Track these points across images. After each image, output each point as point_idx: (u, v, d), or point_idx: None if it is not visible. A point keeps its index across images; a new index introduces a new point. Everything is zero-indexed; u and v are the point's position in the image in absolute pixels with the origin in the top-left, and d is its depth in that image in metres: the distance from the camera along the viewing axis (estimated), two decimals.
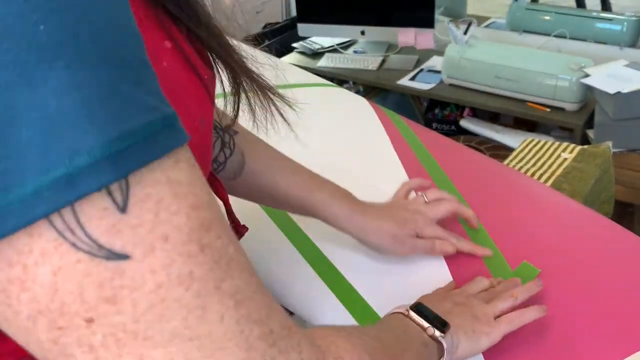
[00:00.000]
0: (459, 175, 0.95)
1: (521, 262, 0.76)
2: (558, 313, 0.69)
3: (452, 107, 2.25)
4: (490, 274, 0.75)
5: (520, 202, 0.92)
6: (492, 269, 0.76)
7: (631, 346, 0.65)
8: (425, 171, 0.97)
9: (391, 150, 1.03)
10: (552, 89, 1.85)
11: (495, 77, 1.95)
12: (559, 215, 0.89)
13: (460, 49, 2.02)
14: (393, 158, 1.01)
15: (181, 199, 0.26)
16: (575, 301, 0.71)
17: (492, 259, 0.78)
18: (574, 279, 0.75)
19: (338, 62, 2.36)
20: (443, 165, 0.97)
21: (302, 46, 2.50)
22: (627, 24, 2.04)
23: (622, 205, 1.66)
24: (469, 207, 0.83)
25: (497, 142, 1.97)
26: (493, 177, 0.99)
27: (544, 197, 0.92)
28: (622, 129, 1.69)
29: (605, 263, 0.78)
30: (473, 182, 0.94)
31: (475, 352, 0.61)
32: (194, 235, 0.27)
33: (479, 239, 0.81)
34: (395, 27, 2.28)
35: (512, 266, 0.76)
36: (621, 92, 1.64)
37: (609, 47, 2.07)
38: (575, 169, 0.94)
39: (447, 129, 2.25)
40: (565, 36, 2.13)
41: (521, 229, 0.85)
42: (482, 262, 0.77)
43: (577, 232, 0.86)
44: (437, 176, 0.95)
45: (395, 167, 0.99)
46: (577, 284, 0.74)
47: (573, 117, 1.85)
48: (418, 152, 1.02)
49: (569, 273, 0.76)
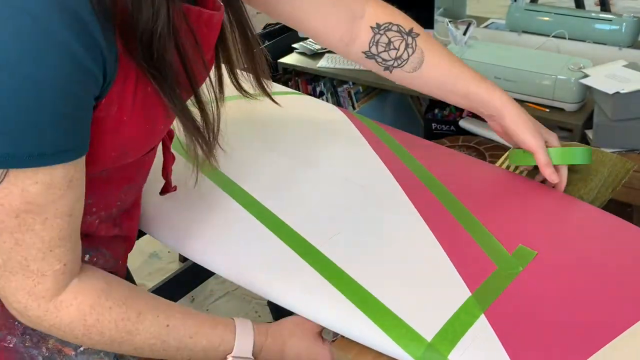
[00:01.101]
0: (444, 173, 0.97)
1: (517, 246, 0.80)
2: (555, 291, 0.74)
3: (451, 107, 2.25)
4: (490, 259, 0.78)
5: (509, 194, 0.95)
6: (490, 254, 0.79)
7: (630, 318, 0.69)
8: (408, 169, 0.98)
9: (371, 152, 1.04)
10: (551, 90, 1.85)
11: (495, 77, 1.95)
12: (548, 204, 0.92)
13: (460, 50, 2.03)
14: (374, 158, 1.02)
15: (21, 199, 0.55)
16: (570, 279, 0.76)
17: (490, 244, 0.81)
18: (568, 261, 0.79)
19: (338, 62, 2.36)
20: (426, 164, 0.99)
21: (302, 47, 2.51)
22: (626, 25, 2.05)
23: (620, 205, 1.67)
24: (461, 204, 0.89)
25: (496, 143, 1.97)
26: (479, 174, 1.01)
27: (530, 189, 0.95)
28: (621, 130, 1.69)
29: (595, 244, 0.84)
30: (459, 178, 0.97)
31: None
32: (12, 213, 0.55)
33: (473, 228, 0.83)
34: None
35: (509, 250, 0.79)
36: (620, 92, 1.64)
37: (608, 48, 2.07)
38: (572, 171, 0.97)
39: (446, 129, 2.25)
40: (565, 37, 2.14)
41: (513, 218, 0.89)
42: (479, 248, 0.80)
43: (567, 219, 0.90)
44: (421, 174, 0.96)
45: (378, 166, 1.00)
46: (571, 264, 0.79)
47: (572, 117, 1.85)
48: (399, 153, 1.03)
49: (563, 256, 0.80)
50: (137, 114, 0.61)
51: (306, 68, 2.41)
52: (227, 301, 2.05)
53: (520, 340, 0.67)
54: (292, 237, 0.84)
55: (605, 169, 1.00)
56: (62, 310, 0.61)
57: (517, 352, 0.66)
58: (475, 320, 0.70)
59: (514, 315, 0.70)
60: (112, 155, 0.63)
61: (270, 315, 1.92)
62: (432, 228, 0.85)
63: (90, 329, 0.62)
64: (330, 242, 0.83)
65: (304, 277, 0.79)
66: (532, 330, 0.68)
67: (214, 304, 2.05)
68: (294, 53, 2.50)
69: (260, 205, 0.91)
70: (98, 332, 0.62)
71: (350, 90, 2.40)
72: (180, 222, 0.91)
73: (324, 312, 0.76)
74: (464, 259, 0.78)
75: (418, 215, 0.88)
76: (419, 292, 0.75)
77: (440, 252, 0.80)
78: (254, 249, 0.84)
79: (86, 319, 0.61)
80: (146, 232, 0.94)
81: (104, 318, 0.62)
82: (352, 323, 0.73)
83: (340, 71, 2.33)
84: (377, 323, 0.71)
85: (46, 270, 0.59)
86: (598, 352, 0.65)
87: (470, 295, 0.73)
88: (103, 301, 0.62)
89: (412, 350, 0.69)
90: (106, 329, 0.62)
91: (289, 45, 2.52)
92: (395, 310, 0.72)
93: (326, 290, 0.76)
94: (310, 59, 2.44)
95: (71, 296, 0.61)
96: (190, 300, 2.06)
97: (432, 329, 0.70)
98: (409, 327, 0.70)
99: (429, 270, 0.78)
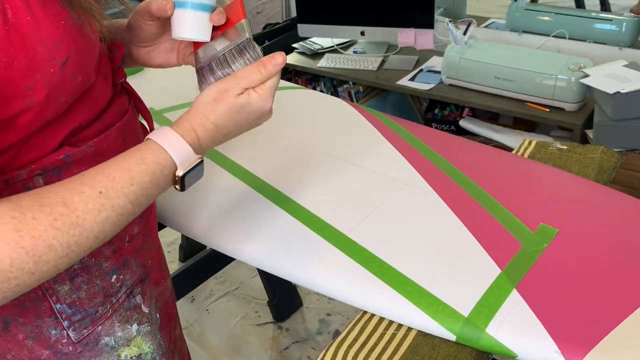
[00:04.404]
0: (458, 158, 1.01)
1: (539, 224, 0.84)
2: (579, 265, 0.78)
3: (451, 107, 2.25)
4: (515, 237, 0.83)
5: (524, 177, 0.98)
6: (514, 233, 0.83)
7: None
8: (423, 155, 1.01)
9: (385, 142, 1.07)
10: (551, 89, 1.85)
11: (495, 77, 1.95)
12: (563, 186, 0.96)
13: (460, 50, 2.03)
14: (389, 148, 1.05)
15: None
16: (592, 254, 0.81)
17: (512, 223, 0.85)
18: (588, 237, 0.84)
19: (338, 62, 2.36)
20: (439, 150, 1.03)
21: (302, 47, 2.51)
22: (626, 25, 2.05)
23: None
24: (478, 187, 0.92)
25: (496, 142, 1.98)
26: (493, 158, 1.05)
27: (544, 172, 0.99)
28: (621, 129, 1.69)
29: (612, 221, 0.88)
30: (474, 163, 1.01)
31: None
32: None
33: (493, 209, 0.88)
34: (395, 28, 2.29)
35: (531, 229, 0.84)
36: (620, 92, 1.64)
37: (608, 48, 2.07)
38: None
39: (446, 129, 2.25)
40: (565, 36, 2.14)
41: (530, 198, 0.93)
42: (503, 227, 0.85)
43: (584, 199, 0.93)
44: (436, 160, 1.00)
45: (394, 155, 1.03)
46: (592, 239, 0.83)
47: (572, 117, 1.85)
48: (412, 142, 1.06)
49: (583, 232, 0.85)
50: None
51: (306, 68, 2.41)
52: (227, 301, 2.06)
53: (552, 311, 0.71)
54: (322, 227, 0.87)
55: (597, 156, 1.04)
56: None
57: (551, 322, 0.69)
58: (508, 295, 0.74)
59: (544, 289, 0.74)
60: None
61: (271, 315, 1.93)
62: (454, 210, 0.88)
63: (36, 252, 0.52)
64: (359, 228, 0.86)
65: (339, 264, 0.82)
66: (563, 302, 0.72)
67: (214, 304, 2.05)
68: (294, 53, 2.50)
69: (288, 199, 0.94)
70: (46, 248, 0.53)
71: (350, 90, 2.40)
72: (208, 217, 0.94)
73: (362, 296, 0.79)
74: (490, 238, 0.83)
75: (439, 199, 0.91)
76: (451, 272, 0.79)
77: (465, 232, 0.84)
78: (288, 241, 0.87)
79: (20, 244, 0.51)
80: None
81: (37, 231, 0.52)
82: (391, 304, 0.76)
83: (340, 71, 2.33)
84: (415, 302, 0.75)
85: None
86: (627, 319, 0.69)
87: (501, 271, 0.77)
88: (22, 217, 0.52)
89: (450, 326, 0.72)
90: (50, 238, 0.53)
91: (289, 45, 2.52)
92: (430, 290, 0.76)
93: (361, 275, 0.79)
94: (311, 59, 2.44)
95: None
96: (190, 300, 2.06)
97: (467, 305, 0.73)
98: (445, 305, 0.74)
99: (457, 251, 0.82)
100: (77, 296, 0.68)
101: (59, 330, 0.68)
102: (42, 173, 0.62)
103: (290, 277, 0.85)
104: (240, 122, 0.67)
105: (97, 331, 0.71)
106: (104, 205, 0.57)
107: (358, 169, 1.00)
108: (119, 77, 0.74)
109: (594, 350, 0.66)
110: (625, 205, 0.90)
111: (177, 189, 0.64)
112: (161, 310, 0.82)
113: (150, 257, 0.78)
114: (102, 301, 0.71)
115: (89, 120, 0.67)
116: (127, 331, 0.74)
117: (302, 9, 2.41)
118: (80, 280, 0.68)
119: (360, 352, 0.73)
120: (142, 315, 0.76)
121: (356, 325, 0.77)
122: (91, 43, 0.62)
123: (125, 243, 0.73)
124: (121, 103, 0.73)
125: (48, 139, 0.62)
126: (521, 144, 1.11)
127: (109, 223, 0.58)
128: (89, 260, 0.68)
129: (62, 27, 0.58)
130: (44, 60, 0.56)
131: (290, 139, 1.09)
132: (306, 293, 1.99)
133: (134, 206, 0.60)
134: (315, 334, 1.88)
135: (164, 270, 0.85)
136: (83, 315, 0.69)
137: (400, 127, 1.11)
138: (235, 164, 1.03)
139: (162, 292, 0.83)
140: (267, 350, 1.84)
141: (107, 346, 0.72)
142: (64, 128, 0.63)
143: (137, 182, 0.60)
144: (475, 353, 0.72)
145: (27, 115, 0.57)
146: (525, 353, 0.69)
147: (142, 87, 0.84)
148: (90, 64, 0.64)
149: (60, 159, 0.63)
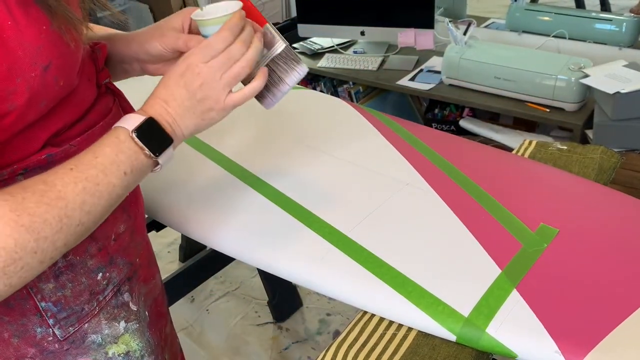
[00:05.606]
0: (458, 158, 1.01)
1: (539, 224, 0.84)
2: (580, 265, 0.78)
3: (451, 107, 2.25)
4: (515, 237, 0.82)
5: (524, 177, 0.98)
6: (514, 233, 0.83)
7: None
8: (423, 155, 1.01)
9: (385, 142, 1.08)
10: (551, 89, 1.85)
11: (495, 77, 1.95)
12: (563, 186, 0.96)
13: (460, 50, 2.03)
14: (389, 147, 1.05)
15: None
16: (592, 254, 0.80)
17: (512, 223, 0.85)
18: (588, 237, 0.84)
19: (338, 62, 2.36)
20: (439, 150, 1.02)
21: (302, 46, 2.51)
22: (626, 25, 2.05)
23: None
24: (478, 187, 0.91)
25: (496, 142, 1.98)
26: (493, 159, 1.05)
27: (544, 172, 0.99)
28: (621, 129, 1.69)
29: (611, 221, 0.87)
30: (473, 162, 1.01)
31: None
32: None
33: (493, 209, 0.88)
34: (395, 28, 2.29)
35: (531, 229, 0.84)
36: (620, 92, 1.64)
37: (608, 48, 2.07)
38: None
39: (446, 129, 2.25)
40: (565, 36, 2.14)
41: (530, 199, 0.94)
42: (503, 228, 0.85)
43: (583, 199, 0.93)
44: (435, 160, 1.00)
45: (393, 155, 1.03)
46: (592, 240, 0.83)
47: (572, 117, 1.85)
48: (411, 142, 1.06)
49: (583, 232, 0.85)
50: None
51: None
52: (227, 301, 2.06)
53: (552, 311, 0.71)
54: (322, 227, 0.87)
55: (597, 156, 1.03)
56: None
57: (551, 322, 0.69)
58: (508, 295, 0.74)
59: (544, 289, 0.74)
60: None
61: (271, 315, 1.93)
62: (454, 210, 0.88)
63: (34, 228, 0.55)
64: (359, 228, 0.86)
65: (339, 264, 0.82)
66: (563, 302, 0.72)
67: (214, 304, 2.05)
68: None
69: (288, 199, 0.94)
70: (42, 224, 0.55)
71: (350, 90, 2.40)
72: (210, 218, 0.94)
73: (362, 295, 0.79)
74: (490, 239, 0.82)
75: (439, 199, 0.91)
76: (451, 272, 0.79)
77: (465, 232, 0.84)
78: (288, 241, 0.87)
79: (19, 222, 0.54)
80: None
81: (30, 209, 0.55)
82: (391, 304, 0.76)
83: (340, 71, 2.33)
84: (415, 302, 0.75)
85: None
86: (627, 319, 0.69)
87: (501, 272, 0.77)
88: (13, 199, 0.54)
89: (450, 326, 0.72)
90: (43, 213, 0.55)
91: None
92: (431, 290, 0.76)
93: (361, 275, 0.79)
94: (311, 59, 2.44)
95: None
96: (190, 300, 2.06)
97: (467, 305, 0.73)
98: (446, 305, 0.74)
99: (457, 251, 0.82)
100: (62, 294, 0.68)
101: (44, 328, 0.68)
102: (24, 172, 0.63)
103: (290, 277, 0.85)
104: (188, 84, 0.68)
105: (83, 329, 0.71)
106: (78, 178, 0.59)
107: (358, 169, 1.00)
108: (103, 78, 0.74)
109: (595, 350, 0.66)
110: (625, 205, 0.90)
111: (147, 154, 0.65)
112: (151, 307, 0.82)
113: (138, 255, 0.79)
114: (88, 299, 0.71)
115: (73, 122, 0.67)
116: (114, 329, 0.75)
117: (302, 8, 2.41)
118: (65, 278, 0.68)
119: (360, 352, 0.73)
120: (130, 313, 0.77)
121: (356, 325, 0.77)
122: (71, 50, 0.63)
123: (111, 241, 0.73)
124: (105, 103, 0.73)
125: (31, 141, 0.63)
126: (521, 144, 1.11)
127: (88, 194, 0.60)
128: (73, 258, 0.69)
129: (44, 32, 0.58)
130: (25, 64, 0.57)
131: (290, 139, 1.09)
132: (306, 293, 1.99)
133: (107, 176, 0.62)
134: (315, 334, 1.88)
135: (153, 268, 0.85)
136: (69, 313, 0.69)
137: (400, 127, 1.11)
138: (235, 163, 1.03)
139: (151, 289, 0.83)
140: (267, 350, 1.84)
141: (94, 343, 0.73)
142: (46, 130, 0.64)
143: (100, 154, 0.62)
144: (475, 353, 0.72)
145: (8, 119, 0.58)
146: (526, 353, 0.69)
147: (143, 87, 0.84)
148: (72, 69, 0.65)
149: (43, 159, 0.64)
